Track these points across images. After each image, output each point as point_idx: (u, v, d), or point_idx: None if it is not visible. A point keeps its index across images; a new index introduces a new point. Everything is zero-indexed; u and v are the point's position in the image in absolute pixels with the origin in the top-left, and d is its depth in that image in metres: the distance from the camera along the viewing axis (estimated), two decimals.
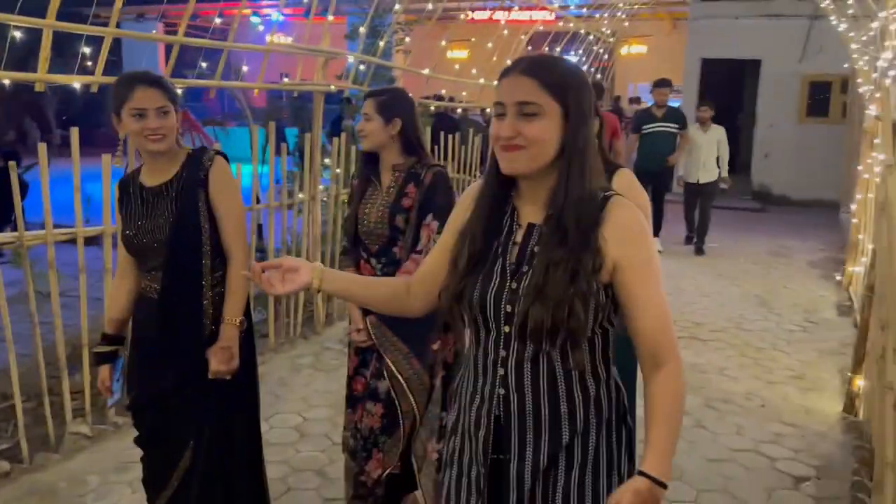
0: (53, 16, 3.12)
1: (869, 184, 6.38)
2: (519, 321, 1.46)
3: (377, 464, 2.62)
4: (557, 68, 1.48)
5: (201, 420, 2.33)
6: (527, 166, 1.46)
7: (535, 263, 1.46)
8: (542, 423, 1.50)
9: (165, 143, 2.22)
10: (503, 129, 1.45)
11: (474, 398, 1.58)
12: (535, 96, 1.43)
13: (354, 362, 2.78)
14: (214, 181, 2.28)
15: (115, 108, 2.22)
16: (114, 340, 2.44)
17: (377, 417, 2.62)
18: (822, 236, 9.95)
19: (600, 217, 1.46)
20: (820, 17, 11.84)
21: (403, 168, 2.68)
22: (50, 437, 3.51)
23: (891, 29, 5.46)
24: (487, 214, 1.54)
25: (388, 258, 2.65)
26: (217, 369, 2.26)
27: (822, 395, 4.43)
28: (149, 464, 2.45)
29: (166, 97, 2.21)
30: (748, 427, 3.96)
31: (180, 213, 2.25)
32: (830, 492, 3.32)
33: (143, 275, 2.35)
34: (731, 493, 3.30)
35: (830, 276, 7.57)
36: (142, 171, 2.37)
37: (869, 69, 7.17)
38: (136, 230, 2.29)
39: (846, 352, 5.16)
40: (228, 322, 2.29)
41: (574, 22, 9.16)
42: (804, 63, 12.50)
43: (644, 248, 1.48)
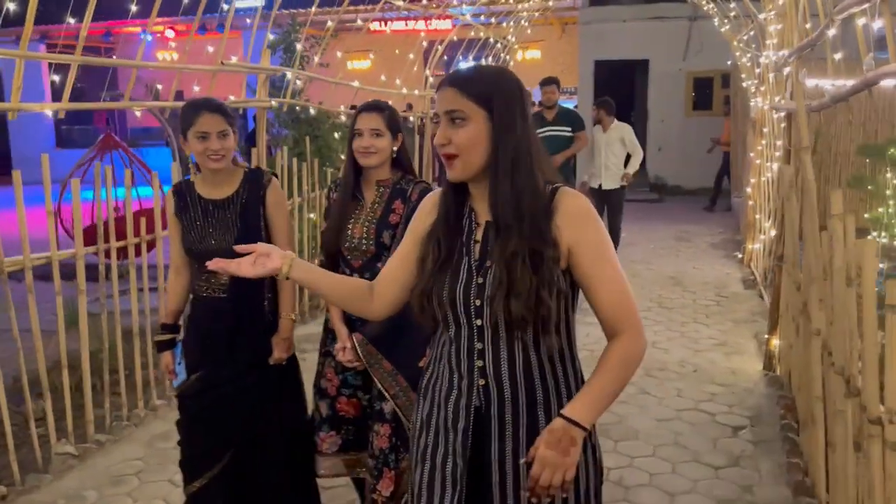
0: (24, 47, 3.19)
1: (761, 168, 7.08)
2: (489, 314, 1.54)
3: (388, 482, 2.61)
4: (481, 77, 1.57)
5: (267, 399, 2.61)
6: (462, 172, 1.56)
7: (495, 258, 1.54)
8: (519, 409, 1.57)
9: (224, 163, 2.53)
10: (437, 137, 1.57)
11: (451, 393, 1.63)
12: (459, 104, 1.53)
13: (336, 382, 2.72)
14: (271, 198, 2.60)
15: (183, 131, 2.50)
16: (172, 329, 2.71)
17: (385, 438, 2.61)
18: (717, 220, 10.80)
19: (551, 208, 1.54)
20: (699, 18, 12.83)
21: (389, 184, 2.65)
22: (37, 460, 3.55)
23: (769, 29, 6.12)
24: (449, 216, 1.63)
25: (372, 273, 2.51)
26: (280, 356, 2.61)
27: (744, 358, 4.97)
28: (195, 444, 2.64)
29: (226, 121, 2.49)
30: (686, 390, 4.43)
31: (245, 224, 2.55)
32: (764, 436, 3.81)
33: (202, 276, 2.59)
34: (682, 445, 3.73)
35: (731, 255, 8.31)
36: (198, 184, 2.63)
37: (751, 65, 7.93)
38: (200, 238, 2.55)
39: (757, 319, 5.78)
40: (286, 317, 2.62)
41: (479, 29, 9.55)
42: (687, 61, 13.48)
43: (593, 229, 1.56)
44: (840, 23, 2.52)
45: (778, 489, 3.29)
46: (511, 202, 1.52)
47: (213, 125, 2.44)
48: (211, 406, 2.57)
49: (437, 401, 1.66)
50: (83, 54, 3.54)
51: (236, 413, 2.56)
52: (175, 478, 3.52)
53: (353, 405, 2.71)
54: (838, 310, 2.36)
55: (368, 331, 2.50)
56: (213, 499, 2.58)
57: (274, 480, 2.66)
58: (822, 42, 2.80)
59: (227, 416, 2.56)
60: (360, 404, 2.72)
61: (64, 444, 3.67)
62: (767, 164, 6.68)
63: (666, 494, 3.27)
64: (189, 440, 2.66)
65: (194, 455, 2.63)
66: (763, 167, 6.99)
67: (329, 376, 2.72)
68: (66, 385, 3.69)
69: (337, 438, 2.73)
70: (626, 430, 3.87)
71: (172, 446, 3.84)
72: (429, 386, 1.70)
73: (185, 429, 2.67)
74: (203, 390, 2.58)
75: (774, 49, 5.80)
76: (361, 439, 2.73)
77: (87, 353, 3.79)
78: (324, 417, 2.72)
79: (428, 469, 1.66)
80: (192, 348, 2.63)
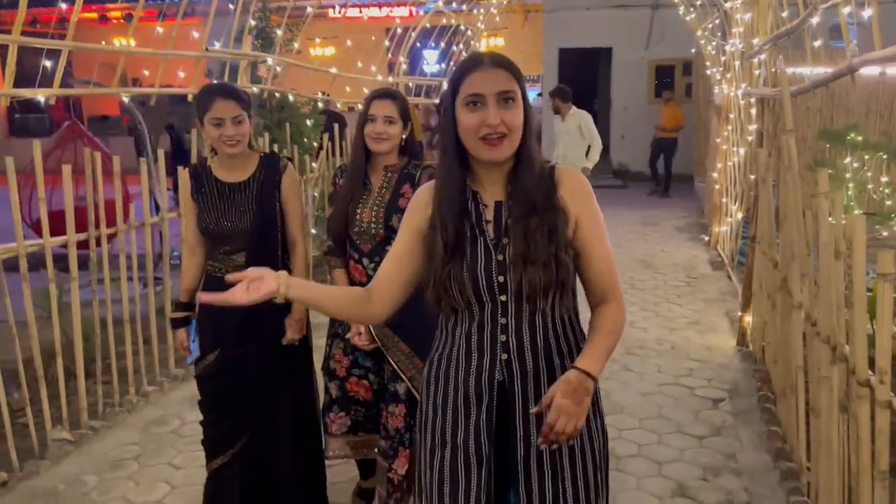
0: (17, 32, 3.18)
1: (727, 152, 7.30)
2: (514, 287, 1.61)
3: (404, 461, 2.66)
4: (511, 60, 1.63)
5: (280, 378, 2.68)
6: (510, 151, 1.59)
7: (513, 234, 1.60)
8: (541, 381, 1.64)
9: (240, 147, 2.57)
10: (490, 118, 1.55)
11: (469, 373, 1.66)
12: (511, 85, 1.57)
13: (346, 364, 2.77)
14: (286, 184, 2.68)
15: (199, 117, 2.54)
16: (186, 307, 2.76)
17: (401, 418, 2.66)
18: (681, 205, 11.07)
19: (554, 183, 1.66)
20: (661, 7, 13.07)
21: (396, 169, 2.68)
22: (34, 446, 3.56)
23: (736, 17, 6.31)
24: (455, 203, 1.64)
25: (381, 257, 2.61)
26: (293, 337, 2.67)
27: (717, 335, 5.17)
28: (216, 423, 2.70)
29: (241, 107, 2.52)
30: (665, 366, 4.61)
31: (262, 207, 2.61)
32: (743, 407, 4.00)
33: (216, 256, 2.65)
34: (666, 417, 3.89)
35: (697, 238, 8.55)
36: (214, 167, 2.67)
37: (717, 53, 8.14)
38: (216, 219, 2.60)
39: (726, 299, 6.00)
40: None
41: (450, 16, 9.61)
42: (650, 49, 13.72)
43: (594, 203, 1.69)
44: (823, 12, 2.67)
45: (759, 456, 3.47)
46: (534, 180, 1.62)
47: (227, 111, 2.48)
48: (229, 386, 2.63)
49: (453, 384, 1.69)
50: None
51: (253, 392, 2.63)
52: (175, 461, 3.57)
53: (364, 387, 2.77)
54: (824, 282, 2.51)
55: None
56: (233, 476, 2.65)
57: (284, 458, 2.73)
58: (803, 28, 2.95)
59: (246, 395, 2.63)
60: (370, 386, 2.77)
61: (59, 430, 3.68)
62: (734, 149, 6.90)
63: (654, 463, 3.43)
64: (210, 419, 2.72)
65: (216, 434, 2.68)
66: (729, 152, 7.20)
67: (338, 357, 2.78)
68: (61, 372, 3.69)
69: (346, 419, 2.79)
70: (611, 405, 4.02)
71: (168, 431, 3.91)
72: (440, 372, 1.72)
73: (206, 408, 2.73)
74: (220, 371, 2.63)
75: (742, 37, 6.00)
76: (370, 421, 2.78)
77: (80, 339, 3.79)
78: (334, 399, 2.79)
79: (449, 452, 1.66)
80: (206, 328, 2.68)
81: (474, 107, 1.57)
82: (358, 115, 2.73)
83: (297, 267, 2.72)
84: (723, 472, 3.34)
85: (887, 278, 1.95)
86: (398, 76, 8.35)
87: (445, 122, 1.65)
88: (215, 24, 4.74)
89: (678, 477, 3.30)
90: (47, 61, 3.51)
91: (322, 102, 7.77)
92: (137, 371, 4.27)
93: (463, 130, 1.59)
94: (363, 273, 2.66)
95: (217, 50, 4.43)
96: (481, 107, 1.56)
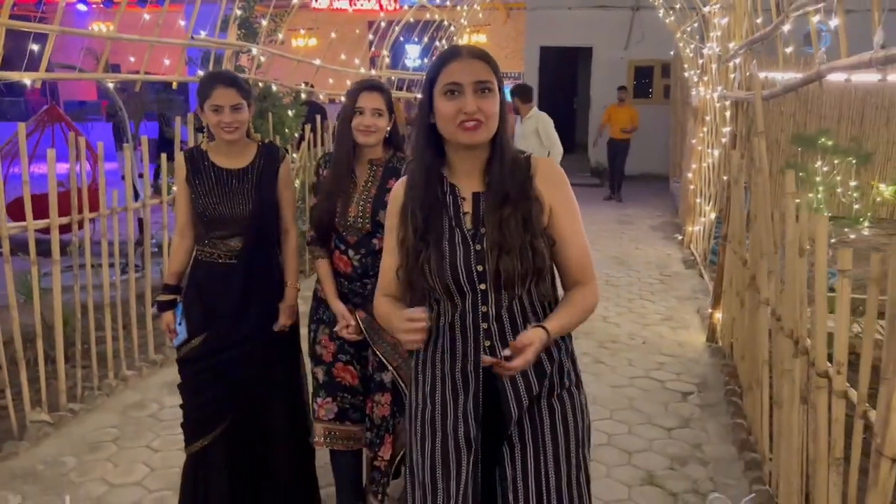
0: (6, 15, 3.19)
1: (702, 154, 7.45)
2: (492, 276, 1.66)
3: (388, 447, 2.70)
4: (488, 54, 1.70)
5: (270, 363, 2.73)
6: (486, 136, 1.66)
7: (488, 223, 1.67)
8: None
9: (238, 134, 2.62)
10: (467, 105, 1.61)
11: (455, 361, 1.73)
12: (488, 75, 1.64)
13: (332, 349, 2.77)
14: (283, 174, 2.74)
15: (200, 103, 2.59)
16: (174, 290, 2.79)
17: (387, 406, 2.70)
18: (656, 204, 11.24)
19: (529, 172, 1.72)
20: (641, 8, 13.23)
21: (381, 162, 2.67)
22: (13, 428, 3.58)
23: (714, 22, 6.45)
24: (424, 187, 1.71)
25: (367, 248, 2.64)
26: (285, 323, 2.73)
27: (688, 331, 5.30)
28: (197, 406, 2.71)
29: (240, 95, 2.56)
30: (637, 360, 4.72)
31: (261, 195, 2.67)
32: (710, 400, 4.12)
33: (209, 241, 2.68)
34: (637, 409, 4.01)
35: (671, 237, 8.71)
36: (211, 152, 2.70)
37: (694, 56, 8.29)
38: (214, 204, 2.64)
39: (698, 297, 6.14)
40: (291, 286, 2.77)
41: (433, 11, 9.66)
42: (629, 50, 13.89)
43: (568, 191, 1.76)
44: (794, 19, 2.78)
45: (725, 447, 3.59)
46: (508, 170, 1.69)
47: (226, 98, 2.53)
48: (215, 368, 2.66)
49: (440, 373, 1.75)
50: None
51: (240, 376, 2.67)
52: (153, 444, 3.62)
53: (350, 373, 2.76)
54: (789, 279, 2.62)
55: (372, 310, 2.48)
56: (216, 461, 2.68)
57: (280, 456, 2.77)
58: (775, 35, 3.06)
59: (232, 378, 2.66)
60: (356, 373, 2.78)
61: (38, 412, 3.71)
62: (708, 151, 7.05)
63: (624, 452, 3.54)
64: (192, 402, 2.73)
65: (198, 417, 2.70)
66: (704, 153, 7.35)
67: (324, 342, 2.77)
68: (41, 355, 3.72)
69: (333, 406, 2.76)
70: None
71: (147, 414, 3.95)
72: (426, 363, 1.79)
73: (188, 392, 2.74)
74: (205, 354, 2.67)
75: (719, 41, 6.13)
76: (355, 409, 2.77)
77: (60, 321, 3.82)
78: (321, 383, 2.78)
79: (440, 439, 1.72)
80: (194, 311, 2.70)
81: (452, 95, 1.63)
82: (341, 106, 2.71)
83: (289, 255, 2.79)
84: (690, 462, 3.46)
85: (846, 275, 2.05)
86: (381, 70, 8.40)
87: (420, 112, 1.71)
88: (199, 12, 4.75)
89: (647, 466, 3.41)
90: (34, 45, 3.51)
91: (304, 93, 7.79)
92: (116, 356, 4.30)
93: (440, 118, 1.65)
94: (348, 263, 2.66)
95: (202, 39, 4.45)
96: (459, 95, 1.62)
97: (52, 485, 3.24)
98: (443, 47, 10.42)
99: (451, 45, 1.78)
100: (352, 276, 2.68)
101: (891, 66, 1.91)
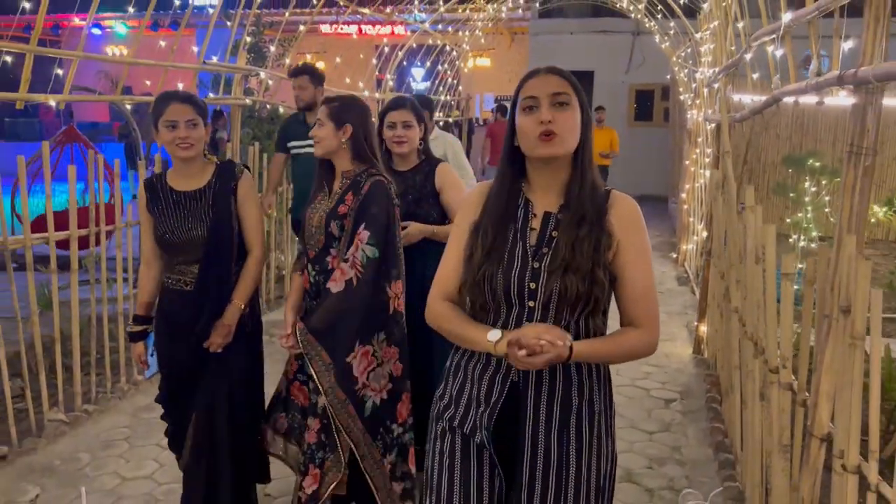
0: (34, 42, 3.47)
1: (695, 174, 7.69)
2: (544, 295, 1.62)
3: (312, 479, 2.58)
4: (567, 71, 1.70)
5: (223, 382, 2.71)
6: (563, 149, 1.64)
7: (559, 243, 1.64)
8: (556, 388, 1.66)
9: (193, 151, 2.58)
10: (543, 115, 1.62)
11: (487, 369, 1.71)
12: (565, 88, 1.65)
13: (294, 367, 2.79)
14: (242, 190, 2.68)
15: (154, 122, 2.59)
16: (144, 321, 2.77)
17: (314, 433, 2.60)
18: (655, 225, 11.43)
19: (607, 206, 1.69)
20: (642, 34, 13.55)
21: (351, 175, 2.66)
22: (32, 426, 3.82)
23: (702, 49, 6.72)
24: (502, 207, 1.70)
25: (322, 266, 2.63)
26: (215, 341, 2.62)
27: (676, 343, 5.51)
28: (174, 422, 2.82)
29: (195, 111, 2.56)
30: (624, 369, 4.93)
31: (217, 216, 2.61)
32: (692, 407, 4.33)
33: (172, 268, 2.67)
34: (621, 415, 4.21)
35: (667, 255, 8.92)
36: (169, 176, 2.69)
37: (688, 80, 8.56)
38: (171, 229, 2.61)
39: (688, 312, 6.34)
40: (234, 303, 2.65)
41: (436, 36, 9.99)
42: (630, 74, 14.19)
43: (643, 234, 1.69)
44: (756, 48, 3.03)
45: (702, 449, 3.79)
46: (588, 192, 1.68)
47: (181, 114, 2.52)
48: (178, 388, 2.73)
49: (470, 377, 1.73)
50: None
51: (198, 391, 2.70)
52: (163, 442, 3.79)
53: (304, 393, 2.77)
54: (750, 286, 2.85)
55: (312, 322, 2.52)
56: (199, 473, 2.72)
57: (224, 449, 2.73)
58: (743, 63, 3.31)
59: (192, 394, 2.70)
60: (308, 394, 2.75)
61: (55, 412, 3.94)
62: (700, 171, 7.28)
63: None
64: (168, 408, 2.84)
65: (174, 431, 2.82)
66: (696, 173, 7.59)
67: (291, 360, 2.83)
68: (59, 361, 3.97)
69: (284, 422, 2.85)
70: None
71: (156, 416, 4.13)
72: (461, 364, 1.77)
73: (163, 399, 2.83)
74: (170, 375, 2.73)
75: (708, 66, 6.39)
76: (303, 431, 2.76)
77: (76, 329, 4.06)
78: (281, 398, 2.87)
79: (460, 439, 1.72)
80: (162, 337, 2.73)
81: (530, 110, 1.65)
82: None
83: (245, 273, 2.69)
84: (668, 463, 3.66)
85: (789, 278, 2.28)
86: (385, 92, 8.70)
87: (507, 134, 1.73)
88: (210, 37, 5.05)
89: (626, 465, 3.61)
90: (59, 69, 3.80)
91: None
92: (129, 363, 4.54)
93: (521, 134, 1.67)
94: (307, 280, 2.68)
95: (214, 63, 4.73)
96: (536, 109, 1.64)
97: (68, 478, 3.47)
98: (445, 70, 10.74)
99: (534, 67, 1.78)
100: (309, 292, 2.68)
101: (825, 91, 2.14)
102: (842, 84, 1.86)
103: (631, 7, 9.56)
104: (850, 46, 1.94)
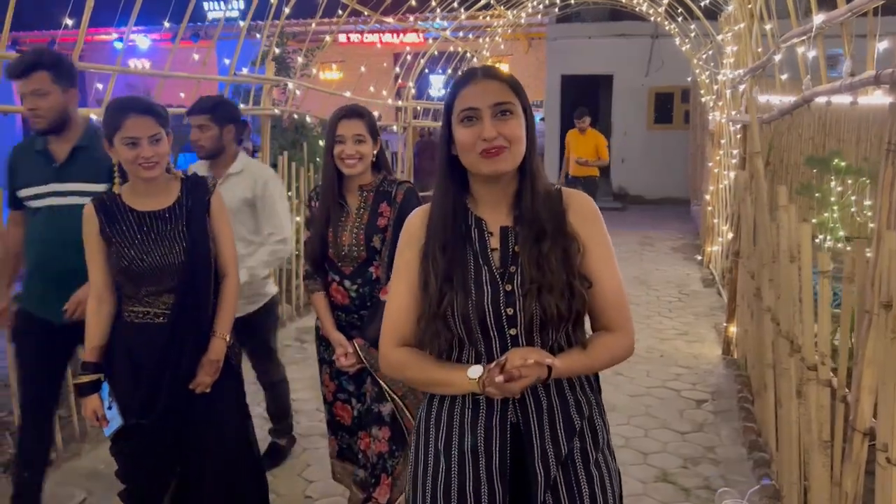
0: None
1: (719, 176, 7.69)
2: (526, 319, 1.49)
3: (386, 489, 2.49)
4: (512, 76, 1.54)
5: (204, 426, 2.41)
6: (511, 164, 1.49)
7: (524, 261, 1.50)
8: (556, 417, 1.54)
9: (158, 170, 2.24)
10: (486, 131, 1.46)
11: (478, 415, 1.54)
12: (508, 96, 1.48)
13: (332, 388, 2.73)
14: (215, 207, 2.40)
15: (108, 136, 2.22)
16: (97, 368, 2.33)
17: (384, 442, 2.51)
18: (677, 227, 11.45)
19: (563, 206, 1.56)
20: (661, 36, 13.54)
21: (372, 187, 2.59)
22: (76, 433, 3.91)
23: (727, 50, 6.73)
24: (450, 226, 1.54)
25: (365, 278, 2.57)
26: (203, 381, 2.35)
27: (704, 345, 5.53)
28: (139, 477, 2.46)
29: (158, 123, 2.22)
30: (654, 371, 4.95)
31: (193, 236, 2.31)
32: (724, 407, 4.34)
33: (136, 300, 2.31)
34: (653, 416, 4.24)
35: (691, 258, 8.92)
36: (125, 195, 2.32)
37: (710, 82, 8.57)
38: (140, 255, 2.26)
39: (715, 314, 6.35)
40: (220, 336, 2.39)
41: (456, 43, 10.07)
42: (650, 77, 14.19)
43: (603, 226, 1.58)
44: (784, 49, 3.06)
45: (735, 448, 3.81)
46: (541, 201, 1.53)
47: (143, 129, 2.17)
48: (152, 439, 2.34)
49: (457, 429, 1.56)
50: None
51: (178, 441, 2.38)
52: None
53: (347, 412, 2.73)
54: (784, 284, 2.87)
55: (370, 334, 2.45)
56: None
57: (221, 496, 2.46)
58: (771, 64, 3.34)
59: (171, 444, 2.38)
60: (352, 412, 2.71)
61: None
62: (724, 173, 7.29)
63: (640, 453, 3.77)
64: (132, 474, 2.46)
65: (141, 489, 2.46)
66: (720, 175, 7.60)
67: (326, 382, 2.78)
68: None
69: (336, 444, 2.82)
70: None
71: None
72: (441, 414, 1.59)
73: (125, 465, 2.46)
74: (140, 426, 2.31)
75: (731, 68, 6.41)
76: (350, 449, 2.76)
77: None
78: (327, 422, 2.84)
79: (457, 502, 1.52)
80: (123, 380, 2.32)
81: (470, 122, 1.49)
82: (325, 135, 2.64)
83: (223, 301, 2.41)
84: (702, 462, 3.68)
85: (826, 275, 2.31)
86: (407, 100, 8.79)
87: (441, 143, 1.57)
88: (223, 48, 5.16)
89: (661, 465, 3.64)
90: (99, 84, 3.90)
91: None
92: None
93: (460, 148, 1.51)
94: (345, 295, 2.61)
95: (244, 75, 4.83)
96: (476, 121, 1.48)
97: (113, 481, 3.54)
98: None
99: (468, 68, 1.67)
100: (349, 307, 2.62)
101: (859, 90, 2.18)
102: (878, 83, 1.89)
103: (650, 10, 9.58)
104: (886, 47, 1.97)
